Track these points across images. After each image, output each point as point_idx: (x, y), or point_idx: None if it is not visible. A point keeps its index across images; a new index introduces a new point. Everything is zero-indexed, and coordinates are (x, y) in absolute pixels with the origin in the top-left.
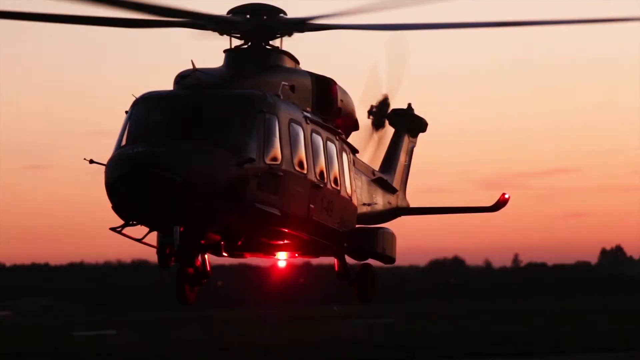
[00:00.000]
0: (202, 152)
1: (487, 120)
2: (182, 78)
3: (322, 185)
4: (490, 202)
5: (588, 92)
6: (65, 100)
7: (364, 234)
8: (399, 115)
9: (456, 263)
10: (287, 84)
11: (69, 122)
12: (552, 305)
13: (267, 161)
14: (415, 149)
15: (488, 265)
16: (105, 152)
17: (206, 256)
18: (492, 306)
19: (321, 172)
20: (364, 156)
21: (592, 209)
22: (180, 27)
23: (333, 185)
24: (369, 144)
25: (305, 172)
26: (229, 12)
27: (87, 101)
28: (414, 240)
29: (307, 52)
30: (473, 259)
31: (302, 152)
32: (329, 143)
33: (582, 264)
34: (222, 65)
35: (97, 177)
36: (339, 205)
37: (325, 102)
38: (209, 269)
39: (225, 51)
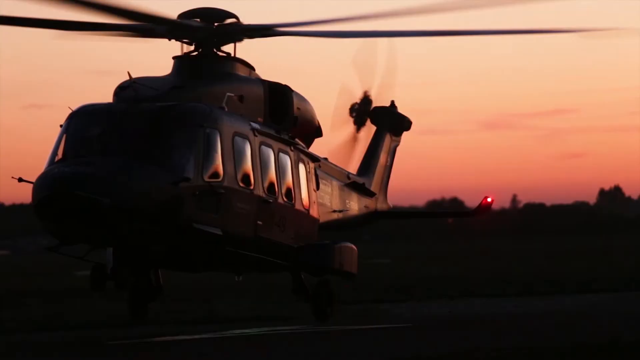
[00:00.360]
0: (133, 170)
1: (487, 61)
2: (121, 89)
3: (271, 200)
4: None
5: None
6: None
7: (318, 250)
8: (381, 113)
9: (455, 204)
10: (233, 94)
11: (68, 63)
12: (550, 245)
13: (207, 178)
14: (401, 144)
15: None
16: (106, 92)
17: (159, 272)
18: (491, 246)
19: (270, 187)
20: (346, 158)
21: (590, 149)
22: (126, 32)
23: (285, 199)
24: (352, 144)
25: (251, 187)
26: (179, 17)
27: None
28: (412, 181)
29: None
30: (471, 200)
31: (248, 167)
32: (281, 155)
33: (581, 204)
34: (170, 74)
35: None
36: (293, 219)
37: (280, 111)
38: (161, 282)
39: (174, 58)
